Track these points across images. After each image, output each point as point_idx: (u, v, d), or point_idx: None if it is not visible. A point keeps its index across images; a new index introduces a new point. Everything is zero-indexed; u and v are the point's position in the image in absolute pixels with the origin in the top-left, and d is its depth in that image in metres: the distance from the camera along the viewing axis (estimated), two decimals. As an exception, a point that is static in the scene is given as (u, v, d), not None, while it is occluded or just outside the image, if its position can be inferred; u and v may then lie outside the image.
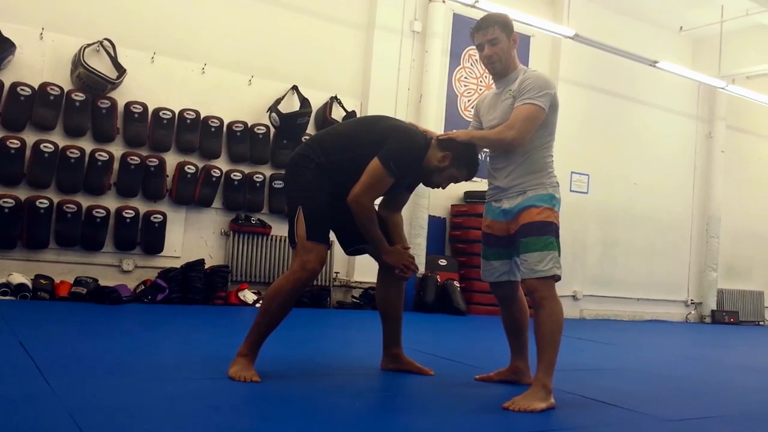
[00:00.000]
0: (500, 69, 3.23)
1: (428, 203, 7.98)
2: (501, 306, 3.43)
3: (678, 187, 10.60)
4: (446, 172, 3.25)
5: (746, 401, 3.69)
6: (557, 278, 3.05)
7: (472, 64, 8.75)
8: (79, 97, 6.24)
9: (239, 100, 7.16)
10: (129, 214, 6.41)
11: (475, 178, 3.61)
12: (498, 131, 3.14)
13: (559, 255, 3.08)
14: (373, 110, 7.62)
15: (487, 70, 3.37)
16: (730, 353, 6.57)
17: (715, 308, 10.71)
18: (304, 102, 7.33)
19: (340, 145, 3.22)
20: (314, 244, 3.07)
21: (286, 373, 3.28)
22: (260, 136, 7.16)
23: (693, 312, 10.75)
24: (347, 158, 3.17)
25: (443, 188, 3.45)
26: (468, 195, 8.38)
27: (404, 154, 3.14)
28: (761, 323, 11.23)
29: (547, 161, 3.18)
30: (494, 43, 3.19)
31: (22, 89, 6.01)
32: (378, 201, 3.40)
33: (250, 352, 3.08)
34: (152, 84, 6.69)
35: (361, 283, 7.61)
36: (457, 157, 3.22)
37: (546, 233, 3.04)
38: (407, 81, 8.13)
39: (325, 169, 3.15)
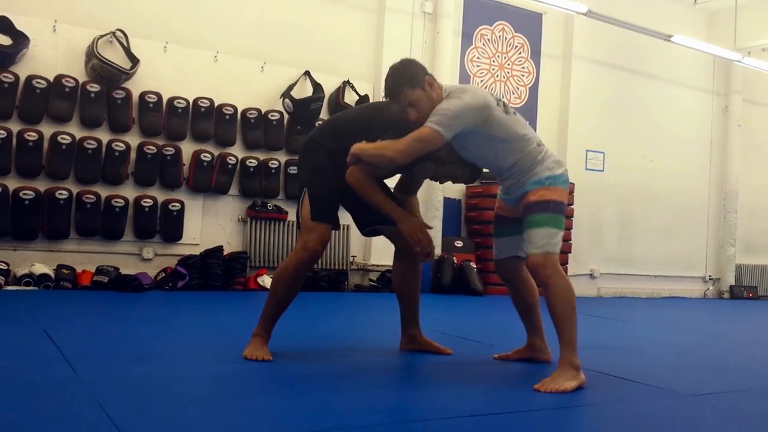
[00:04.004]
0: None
1: (443, 185, 7.98)
2: (508, 287, 3.48)
3: (695, 162, 10.50)
4: (451, 167, 3.22)
5: (766, 375, 3.69)
6: (555, 253, 2.98)
7: (484, 44, 8.70)
8: (93, 88, 6.28)
9: (252, 87, 7.17)
10: (147, 203, 6.48)
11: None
12: (381, 146, 3.01)
13: (558, 229, 3.01)
14: (385, 93, 7.60)
15: (498, 53, 3.29)
16: (749, 328, 6.54)
17: (733, 284, 10.64)
18: (317, 87, 7.33)
19: (350, 131, 3.23)
20: (316, 224, 3.13)
21: (307, 356, 3.33)
22: (274, 122, 7.18)
23: (711, 288, 10.69)
24: (354, 143, 3.18)
25: (441, 183, 3.46)
26: (483, 176, 8.35)
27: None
28: (781, 298, 11.16)
29: (533, 155, 3.06)
30: (413, 104, 2.99)
31: (37, 82, 6.06)
32: (391, 183, 3.42)
33: (264, 332, 3.17)
34: (166, 73, 6.72)
35: (377, 266, 7.64)
36: (460, 159, 3.18)
37: (541, 210, 3.00)
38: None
39: (334, 154, 3.18)
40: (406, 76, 3.01)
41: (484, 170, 3.38)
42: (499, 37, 8.81)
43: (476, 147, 3.07)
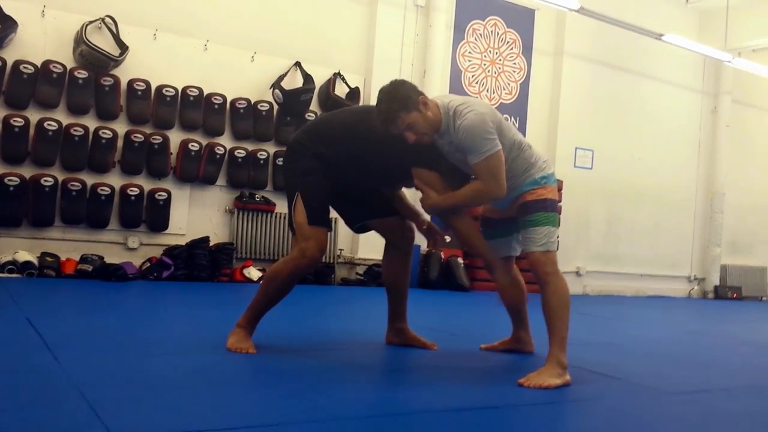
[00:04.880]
0: (431, 137, 3.04)
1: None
2: (498, 285, 3.50)
3: (682, 162, 10.55)
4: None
5: (749, 374, 3.71)
6: (554, 251, 3.06)
7: (476, 39, 8.69)
8: (81, 74, 6.22)
9: (242, 76, 7.13)
10: (134, 191, 6.43)
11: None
12: (478, 190, 3.04)
13: (555, 227, 3.08)
14: (376, 86, 7.50)
15: (490, 48, 3.29)
16: (732, 328, 6.59)
17: (718, 284, 10.70)
18: (308, 78, 7.29)
19: (343, 138, 3.19)
20: (314, 230, 3.07)
21: (291, 349, 3.32)
22: (264, 113, 7.14)
23: (696, 287, 10.75)
24: (349, 152, 3.16)
25: None
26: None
27: (428, 155, 3.12)
28: (764, 299, 11.24)
29: (527, 159, 3.11)
30: (411, 127, 2.95)
31: (24, 67, 6.00)
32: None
33: (249, 324, 3.15)
34: (155, 61, 6.66)
35: (365, 260, 7.63)
36: (453, 166, 3.16)
37: (540, 209, 3.06)
38: (411, 56, 8.07)
39: (323, 157, 3.14)
40: (400, 100, 2.93)
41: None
42: (492, 32, 8.80)
43: None
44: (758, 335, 6.04)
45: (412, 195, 3.64)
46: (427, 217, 3.51)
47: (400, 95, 2.94)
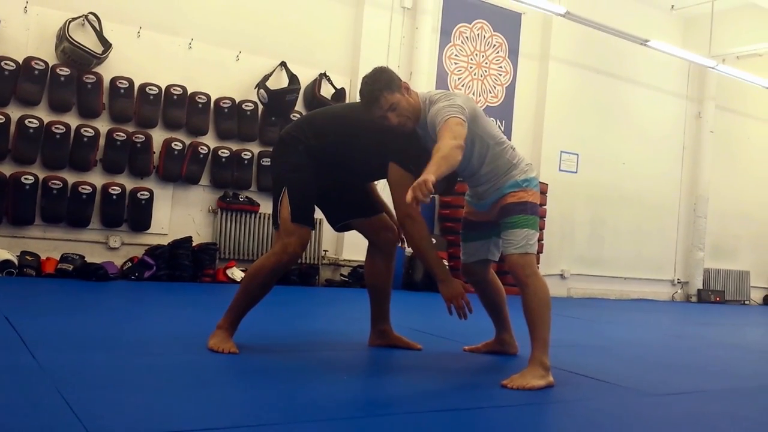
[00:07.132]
0: (414, 123, 3.04)
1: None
2: (476, 289, 3.52)
3: (667, 167, 10.61)
4: None
5: (731, 377, 3.72)
6: (533, 254, 3.04)
7: (462, 42, 8.70)
8: (64, 71, 6.15)
9: (227, 76, 7.08)
10: (115, 190, 6.36)
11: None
12: (443, 153, 2.68)
13: (535, 230, 3.06)
14: (362, 87, 7.54)
15: (476, 51, 3.27)
16: (715, 331, 6.62)
17: (701, 287, 10.77)
18: (293, 78, 7.26)
19: (333, 128, 3.19)
20: (297, 227, 3.07)
21: (273, 349, 3.29)
22: (248, 112, 7.10)
23: (679, 291, 10.82)
24: (338, 142, 3.15)
25: None
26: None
27: (413, 149, 3.10)
28: (747, 303, 11.33)
29: (510, 159, 3.11)
30: (394, 108, 2.96)
31: (6, 64, 5.93)
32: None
33: (230, 325, 3.12)
34: (138, 59, 6.60)
35: (349, 261, 7.60)
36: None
37: (520, 212, 3.05)
38: (397, 58, 8.06)
39: (314, 151, 3.13)
40: (384, 81, 2.98)
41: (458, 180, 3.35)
42: (478, 35, 8.82)
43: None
44: (740, 339, 6.08)
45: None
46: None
47: (384, 77, 2.99)
